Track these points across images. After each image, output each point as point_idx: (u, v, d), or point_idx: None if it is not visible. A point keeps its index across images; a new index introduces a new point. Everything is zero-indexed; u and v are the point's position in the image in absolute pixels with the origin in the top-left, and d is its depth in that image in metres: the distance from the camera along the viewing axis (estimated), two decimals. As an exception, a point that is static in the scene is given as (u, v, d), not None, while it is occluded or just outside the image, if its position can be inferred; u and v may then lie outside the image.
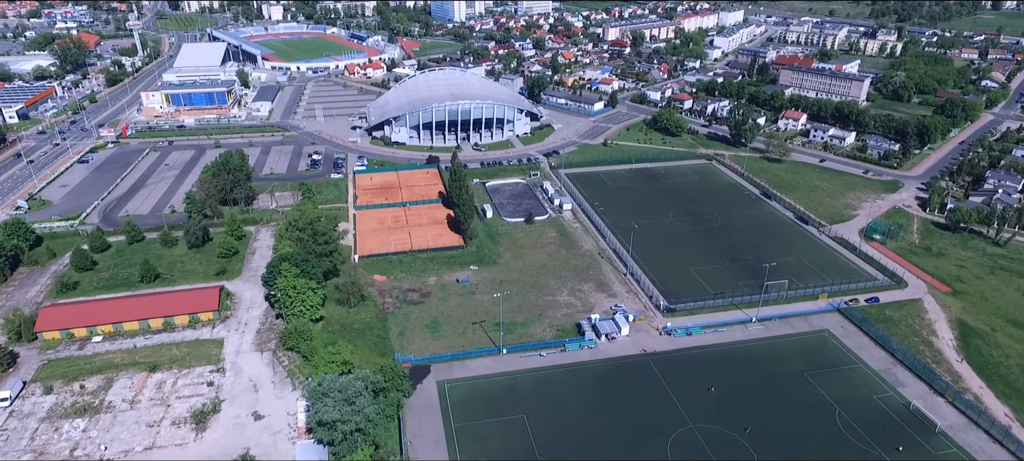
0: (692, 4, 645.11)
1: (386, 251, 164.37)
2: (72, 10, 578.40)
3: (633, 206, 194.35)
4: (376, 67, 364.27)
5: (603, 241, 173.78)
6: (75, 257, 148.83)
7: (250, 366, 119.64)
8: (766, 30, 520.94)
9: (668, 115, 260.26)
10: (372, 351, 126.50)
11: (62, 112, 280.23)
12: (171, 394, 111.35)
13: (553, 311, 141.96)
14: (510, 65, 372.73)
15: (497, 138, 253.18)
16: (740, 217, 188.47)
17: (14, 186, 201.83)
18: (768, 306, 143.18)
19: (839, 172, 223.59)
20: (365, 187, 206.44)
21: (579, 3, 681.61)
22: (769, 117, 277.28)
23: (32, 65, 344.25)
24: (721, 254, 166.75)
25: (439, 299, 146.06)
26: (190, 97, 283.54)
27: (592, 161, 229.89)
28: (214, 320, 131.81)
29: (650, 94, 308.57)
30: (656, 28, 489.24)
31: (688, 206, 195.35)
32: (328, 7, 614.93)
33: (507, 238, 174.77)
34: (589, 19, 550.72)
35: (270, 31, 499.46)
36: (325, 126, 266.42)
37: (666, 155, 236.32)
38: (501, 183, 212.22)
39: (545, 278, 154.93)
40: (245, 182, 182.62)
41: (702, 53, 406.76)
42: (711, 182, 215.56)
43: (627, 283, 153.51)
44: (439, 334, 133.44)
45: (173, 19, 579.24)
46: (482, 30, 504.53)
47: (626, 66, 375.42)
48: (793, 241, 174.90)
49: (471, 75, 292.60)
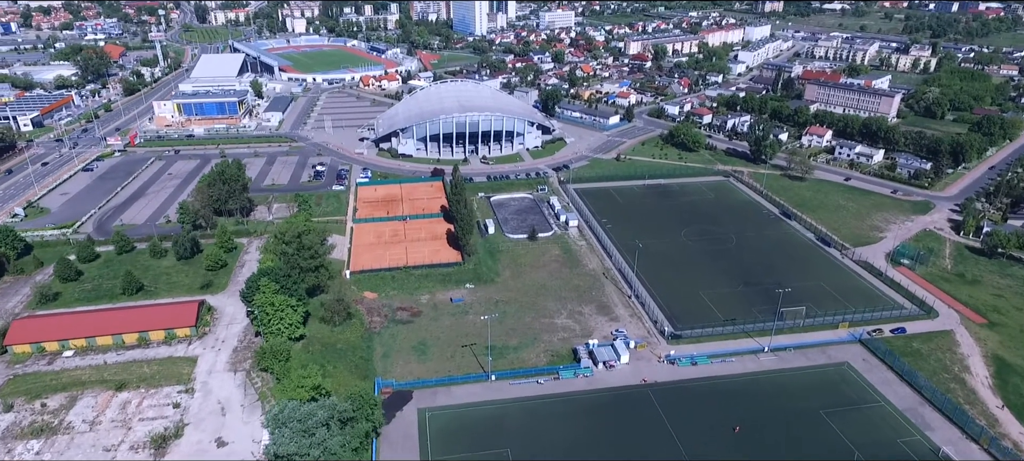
0: (718, 19, 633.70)
1: (379, 267, 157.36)
2: (102, 22, 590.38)
3: (643, 223, 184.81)
4: (391, 79, 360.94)
5: (609, 260, 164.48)
6: (59, 267, 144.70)
7: (221, 387, 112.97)
8: (793, 45, 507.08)
9: (685, 130, 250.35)
10: (352, 374, 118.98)
11: (76, 121, 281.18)
12: (134, 415, 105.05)
13: (549, 335, 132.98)
14: (526, 78, 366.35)
15: (507, 151, 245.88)
16: (757, 237, 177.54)
17: (17, 193, 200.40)
18: (782, 335, 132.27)
19: (865, 191, 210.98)
20: (366, 200, 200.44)
21: (603, 18, 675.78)
22: (792, 133, 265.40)
23: (54, 74, 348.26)
24: (734, 277, 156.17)
25: (430, 319, 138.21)
26: (201, 107, 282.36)
27: (603, 176, 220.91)
28: (191, 336, 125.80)
29: (668, 108, 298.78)
30: (679, 43, 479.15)
31: (702, 225, 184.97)
32: (351, 20, 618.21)
33: (508, 255, 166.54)
34: (611, 34, 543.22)
35: (292, 44, 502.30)
36: (333, 137, 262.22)
37: (681, 171, 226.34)
38: (506, 198, 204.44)
39: (544, 299, 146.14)
40: (240, 193, 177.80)
41: (725, 68, 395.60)
42: (727, 200, 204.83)
43: (631, 306, 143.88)
44: (426, 357, 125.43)
45: (199, 32, 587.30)
46: (502, 44, 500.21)
47: (645, 80, 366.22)
48: (813, 264, 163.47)
49: (483, 87, 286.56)
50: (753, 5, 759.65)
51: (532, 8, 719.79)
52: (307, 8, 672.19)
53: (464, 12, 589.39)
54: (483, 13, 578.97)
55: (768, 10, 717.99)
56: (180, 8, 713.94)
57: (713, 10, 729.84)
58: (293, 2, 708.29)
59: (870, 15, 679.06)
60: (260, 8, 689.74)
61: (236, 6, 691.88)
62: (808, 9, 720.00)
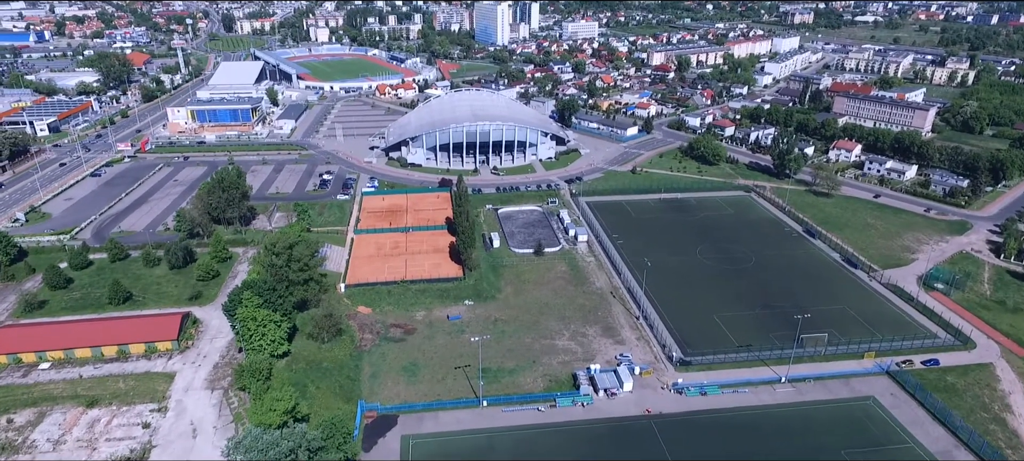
0: (745, 31, 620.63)
1: (376, 280, 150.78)
2: (131, 31, 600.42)
3: (657, 240, 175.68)
4: (407, 88, 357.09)
5: (618, 278, 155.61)
6: (48, 275, 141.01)
7: (196, 406, 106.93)
8: (823, 57, 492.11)
9: (705, 142, 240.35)
10: (336, 395, 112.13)
11: (92, 126, 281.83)
12: (101, 435, 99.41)
13: (549, 357, 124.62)
14: (545, 87, 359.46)
15: (519, 162, 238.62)
16: (778, 257, 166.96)
17: (23, 197, 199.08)
18: (802, 364, 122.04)
19: (896, 209, 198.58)
20: (371, 210, 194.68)
21: (627, 30, 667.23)
22: (819, 147, 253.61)
23: (76, 81, 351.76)
24: (752, 299, 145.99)
25: (424, 337, 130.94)
26: (214, 114, 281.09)
27: (617, 189, 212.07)
28: (172, 350, 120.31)
29: (689, 120, 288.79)
30: (704, 54, 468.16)
31: (719, 242, 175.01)
32: (373, 30, 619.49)
33: (511, 271, 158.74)
34: (635, 44, 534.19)
35: (313, 52, 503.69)
36: (344, 145, 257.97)
37: (699, 185, 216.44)
38: (515, 210, 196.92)
39: (546, 318, 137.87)
40: (240, 201, 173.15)
41: (751, 79, 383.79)
42: (747, 216, 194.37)
43: (639, 328, 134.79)
44: (415, 379, 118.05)
45: (224, 41, 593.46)
46: (522, 54, 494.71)
47: (667, 91, 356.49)
48: (838, 287, 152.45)
49: (498, 96, 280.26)
50: (782, 17, 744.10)
51: (556, 19, 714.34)
52: (331, 18, 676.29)
53: (486, 22, 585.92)
54: (505, 23, 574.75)
55: (797, 22, 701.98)
56: (208, 18, 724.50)
57: (740, 22, 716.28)
58: (318, 12, 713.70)
59: (904, 27, 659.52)
60: (286, 18, 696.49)
61: (262, 16, 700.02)
62: (839, 21, 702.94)
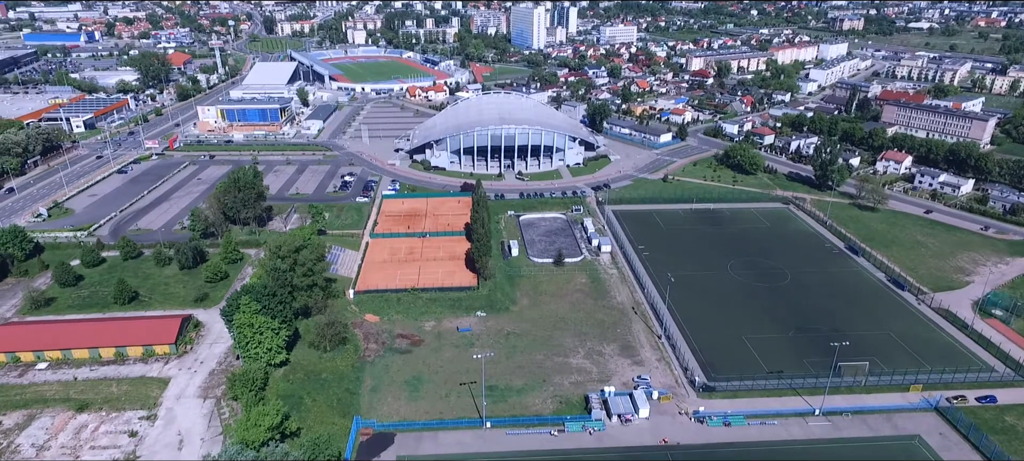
0: (790, 36, 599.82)
1: (387, 287, 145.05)
2: (175, 32, 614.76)
3: (685, 252, 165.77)
4: (438, 90, 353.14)
5: (640, 293, 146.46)
6: (57, 272, 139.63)
7: (186, 415, 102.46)
8: (872, 64, 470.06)
9: (742, 150, 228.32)
10: (332, 409, 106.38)
11: (125, 124, 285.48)
12: (86, 443, 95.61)
13: (561, 377, 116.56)
14: (578, 92, 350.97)
15: (545, 167, 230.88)
16: (816, 275, 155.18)
17: (50, 192, 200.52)
18: (839, 395, 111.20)
19: (950, 227, 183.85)
20: (389, 213, 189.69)
21: (667, 34, 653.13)
22: (865, 158, 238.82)
23: (116, 79, 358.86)
24: (785, 320, 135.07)
25: (431, 350, 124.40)
26: (244, 113, 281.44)
27: (646, 198, 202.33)
28: (170, 354, 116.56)
29: (726, 127, 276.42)
30: (745, 59, 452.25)
31: (752, 257, 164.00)
32: (410, 32, 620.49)
33: (528, 281, 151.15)
34: (674, 49, 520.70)
35: (349, 54, 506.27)
36: (369, 147, 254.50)
37: (734, 195, 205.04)
38: (537, 217, 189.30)
39: (561, 333, 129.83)
40: (255, 201, 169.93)
41: (794, 86, 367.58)
42: (785, 230, 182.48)
43: (660, 348, 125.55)
44: (417, 394, 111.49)
45: (264, 42, 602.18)
46: (557, 57, 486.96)
47: (705, 97, 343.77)
48: (882, 310, 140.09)
49: (527, 100, 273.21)
50: (830, 23, 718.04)
51: (594, 23, 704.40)
52: (370, 21, 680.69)
53: (522, 26, 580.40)
54: (541, 27, 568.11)
55: (846, 28, 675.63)
56: (251, 20, 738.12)
57: (786, 28, 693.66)
58: (357, 15, 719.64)
59: (962, 34, 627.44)
60: (326, 20, 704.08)
61: (302, 18, 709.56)
62: (891, 28, 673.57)
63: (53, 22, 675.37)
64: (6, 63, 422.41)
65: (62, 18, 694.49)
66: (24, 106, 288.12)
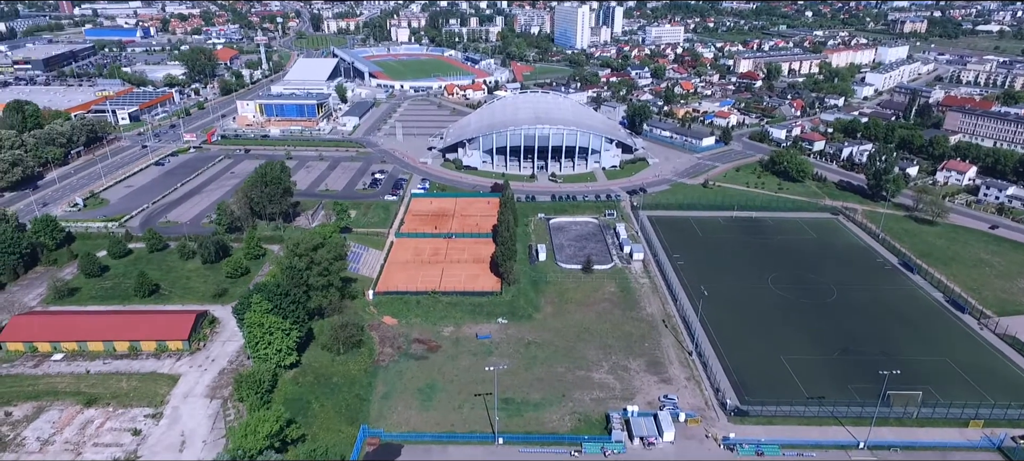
0: (846, 39, 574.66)
1: (407, 289, 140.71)
2: (226, 29, 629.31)
3: (723, 263, 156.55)
4: (476, 88, 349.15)
5: (672, 305, 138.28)
6: (83, 262, 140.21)
7: (191, 415, 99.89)
8: (935, 68, 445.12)
9: (789, 156, 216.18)
10: (339, 415, 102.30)
11: (168, 117, 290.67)
12: (90, 439, 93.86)
13: (582, 392, 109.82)
14: (619, 92, 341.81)
15: (580, 169, 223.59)
16: (866, 292, 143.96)
17: (88, 182, 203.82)
18: (887, 427, 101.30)
19: (1018, 244, 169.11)
20: (417, 212, 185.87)
21: (716, 35, 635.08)
22: (924, 167, 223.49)
23: (164, 73, 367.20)
24: (830, 341, 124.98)
25: (447, 357, 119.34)
26: (281, 108, 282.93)
27: (684, 204, 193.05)
28: (182, 351, 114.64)
29: (773, 132, 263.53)
30: (797, 61, 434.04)
31: (796, 270, 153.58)
32: (453, 31, 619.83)
33: (554, 288, 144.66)
34: (722, 51, 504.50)
35: (391, 52, 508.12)
36: (402, 145, 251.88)
37: (779, 204, 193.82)
38: (568, 221, 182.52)
39: (585, 345, 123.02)
40: (281, 197, 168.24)
41: (848, 90, 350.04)
42: (833, 242, 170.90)
43: (690, 366, 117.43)
44: (429, 404, 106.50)
45: (310, 39, 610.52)
46: (600, 57, 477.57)
47: (752, 100, 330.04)
48: (939, 334, 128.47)
49: (564, 99, 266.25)
50: (890, 26, 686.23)
51: (640, 24, 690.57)
52: (415, 19, 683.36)
53: (566, 25, 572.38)
54: (585, 26, 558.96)
55: (908, 31, 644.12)
56: (300, 17, 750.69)
57: (842, 30, 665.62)
58: (402, 13, 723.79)
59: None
60: (371, 18, 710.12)
61: (348, 16, 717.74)
62: (957, 30, 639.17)
63: (113, 18, 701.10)
64: (65, 57, 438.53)
65: (122, 14, 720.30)
66: (75, 98, 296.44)
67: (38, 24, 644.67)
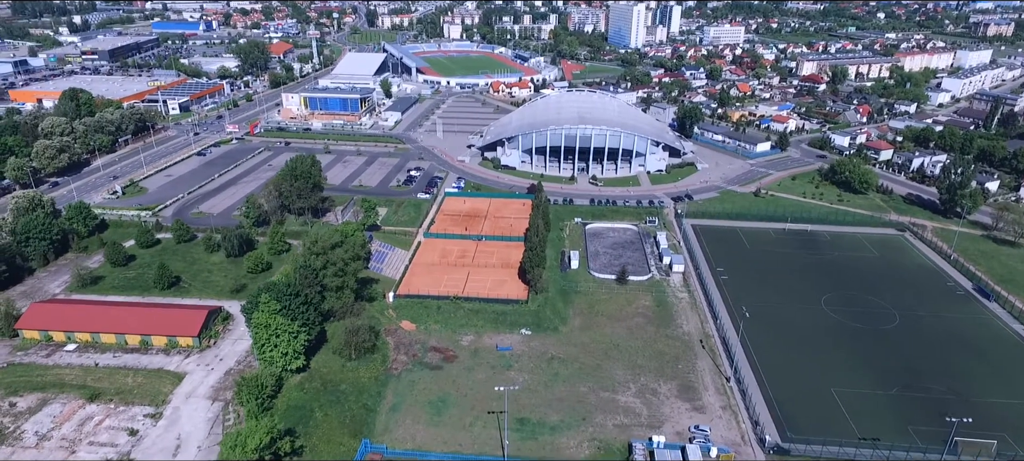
0: (921, 42, 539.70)
1: (429, 293, 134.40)
2: (283, 23, 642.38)
3: (772, 280, 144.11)
4: (523, 86, 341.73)
5: (712, 323, 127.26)
6: (109, 251, 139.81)
7: (191, 417, 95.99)
8: (1022, 74, 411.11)
9: (852, 165, 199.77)
10: (342, 427, 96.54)
11: (216, 108, 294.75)
12: (87, 437, 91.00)
13: (604, 416, 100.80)
14: (670, 93, 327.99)
15: (623, 172, 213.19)
16: (933, 320, 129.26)
17: (131, 171, 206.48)
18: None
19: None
20: (448, 212, 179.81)
21: (779, 36, 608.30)
22: (1007, 182, 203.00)
23: (218, 66, 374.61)
24: (889, 374, 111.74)
25: (464, 368, 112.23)
26: (325, 102, 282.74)
27: (732, 213, 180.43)
28: (192, 347, 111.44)
29: (836, 139, 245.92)
30: (865, 65, 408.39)
31: (854, 291, 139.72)
32: (505, 28, 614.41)
33: (584, 299, 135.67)
34: (784, 52, 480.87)
35: (442, 48, 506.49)
36: (442, 142, 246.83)
37: (839, 217, 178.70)
38: (605, 227, 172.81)
39: (612, 363, 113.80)
40: (311, 191, 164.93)
41: (921, 96, 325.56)
42: (898, 262, 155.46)
43: (727, 394, 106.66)
44: (440, 418, 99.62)
45: (364, 34, 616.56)
46: (654, 57, 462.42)
47: (814, 104, 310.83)
48: (1020, 373, 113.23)
49: (611, 99, 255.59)
50: (972, 28, 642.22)
51: (698, 24, 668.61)
52: (468, 16, 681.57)
53: (621, 24, 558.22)
54: (640, 26, 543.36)
55: (991, 34, 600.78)
56: (356, 13, 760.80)
57: (917, 33, 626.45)
58: (457, 10, 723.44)
59: None
60: (426, 14, 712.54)
61: (403, 12, 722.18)
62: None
63: (180, 13, 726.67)
64: (130, 48, 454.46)
65: (189, 9, 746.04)
66: (131, 88, 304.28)
67: (111, 17, 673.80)
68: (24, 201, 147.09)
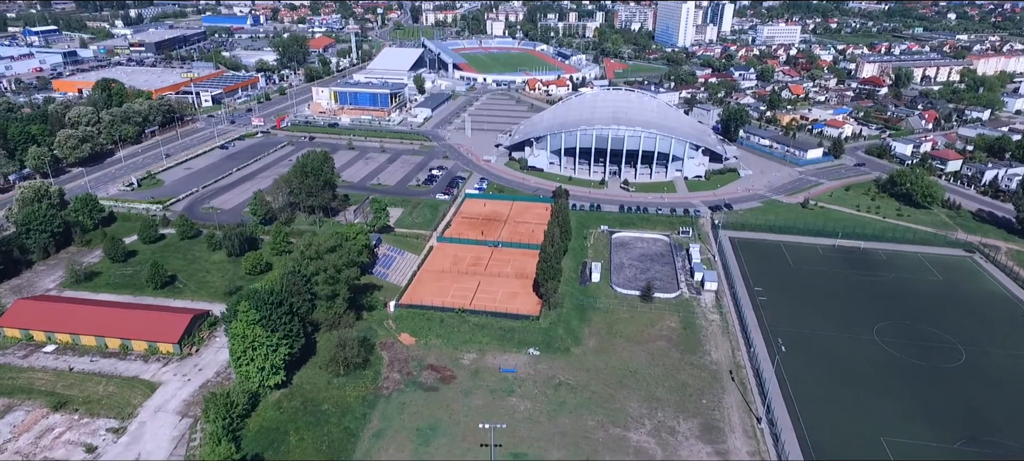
0: (996, 43, 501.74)
1: (434, 303, 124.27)
2: (328, 18, 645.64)
3: (817, 303, 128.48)
4: (561, 84, 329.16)
5: (744, 352, 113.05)
6: (107, 246, 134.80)
7: (156, 435, 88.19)
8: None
9: (915, 177, 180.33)
10: (317, 454, 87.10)
11: (247, 101, 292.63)
12: (42, 451, 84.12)
13: (612, 456, 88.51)
14: (716, 94, 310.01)
15: (658, 177, 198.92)
16: (1007, 358, 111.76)
17: (152, 162, 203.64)
18: None
19: None
20: (467, 215, 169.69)
21: (838, 37, 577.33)
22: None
23: (256, 59, 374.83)
24: (952, 422, 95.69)
25: (461, 391, 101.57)
26: (355, 96, 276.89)
27: (776, 226, 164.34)
28: (173, 354, 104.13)
29: (897, 146, 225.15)
30: (933, 67, 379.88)
31: (912, 321, 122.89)
32: (548, 25, 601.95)
33: (603, 316, 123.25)
34: (843, 53, 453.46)
35: (483, 45, 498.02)
36: (469, 140, 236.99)
37: (897, 235, 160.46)
38: (633, 237, 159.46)
39: (627, 394, 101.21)
40: (322, 189, 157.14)
41: (996, 101, 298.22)
42: (965, 288, 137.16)
43: (756, 437, 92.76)
44: (426, 449, 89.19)
45: (407, 30, 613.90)
46: (702, 57, 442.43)
47: (874, 109, 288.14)
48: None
49: (649, 99, 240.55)
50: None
51: (752, 23, 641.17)
52: (512, 12, 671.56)
53: (668, 22, 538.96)
54: (689, 24, 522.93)
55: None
56: (400, 9, 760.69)
57: (992, 34, 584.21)
58: (501, 7, 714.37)
59: None
60: (470, 11, 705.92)
61: (446, 8, 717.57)
62: None
63: (231, 7, 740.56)
64: (176, 41, 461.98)
65: (240, 4, 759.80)
66: (167, 79, 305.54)
67: (165, 11, 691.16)
68: (29, 191, 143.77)
